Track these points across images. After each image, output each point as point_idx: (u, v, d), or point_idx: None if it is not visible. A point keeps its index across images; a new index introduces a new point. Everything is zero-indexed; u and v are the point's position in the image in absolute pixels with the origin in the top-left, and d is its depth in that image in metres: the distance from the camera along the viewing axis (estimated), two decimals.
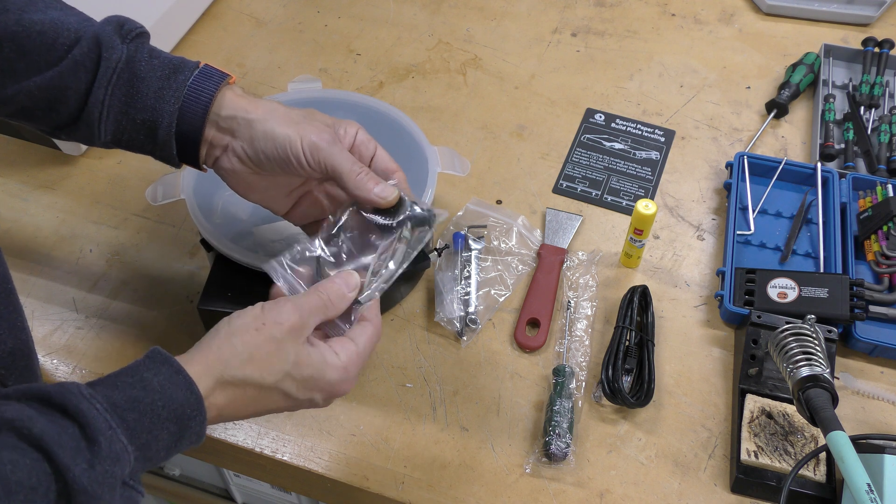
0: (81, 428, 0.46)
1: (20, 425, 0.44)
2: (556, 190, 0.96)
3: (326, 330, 0.61)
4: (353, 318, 0.61)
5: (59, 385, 0.48)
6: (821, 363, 0.66)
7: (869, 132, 0.99)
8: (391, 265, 0.63)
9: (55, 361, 0.80)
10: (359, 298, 0.61)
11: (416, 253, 0.63)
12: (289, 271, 0.62)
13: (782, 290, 0.81)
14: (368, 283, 0.62)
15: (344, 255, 0.63)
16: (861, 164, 0.97)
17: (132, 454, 0.48)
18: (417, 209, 0.63)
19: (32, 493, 0.43)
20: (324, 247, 0.63)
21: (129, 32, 0.63)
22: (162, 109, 0.62)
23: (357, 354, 0.58)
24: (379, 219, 0.64)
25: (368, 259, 0.63)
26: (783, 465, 0.70)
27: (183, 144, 0.63)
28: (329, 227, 0.64)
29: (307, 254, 0.63)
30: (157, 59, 0.63)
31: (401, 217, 0.63)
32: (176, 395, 0.51)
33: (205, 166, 0.66)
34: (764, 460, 0.70)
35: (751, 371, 0.76)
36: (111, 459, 0.46)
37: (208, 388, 0.53)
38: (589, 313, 0.84)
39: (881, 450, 0.66)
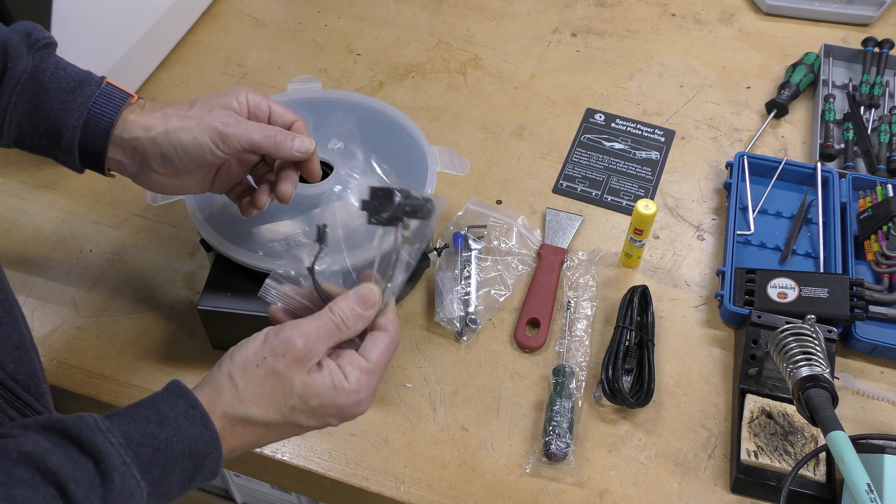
0: (96, 463, 0.46)
1: (37, 458, 0.45)
2: (556, 190, 0.96)
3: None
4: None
5: (76, 417, 0.48)
6: (821, 363, 0.66)
7: (869, 132, 0.99)
8: (399, 268, 0.57)
9: (55, 361, 0.80)
10: None
11: (422, 247, 0.58)
12: (286, 288, 0.57)
13: (782, 290, 0.81)
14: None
15: (338, 264, 0.59)
16: (861, 164, 0.97)
17: (145, 490, 0.48)
18: (414, 196, 0.57)
19: None
20: (317, 256, 0.58)
21: (35, 42, 0.63)
22: (65, 122, 0.62)
23: (369, 372, 0.54)
24: (362, 213, 0.58)
25: (368, 260, 0.59)
26: (783, 465, 0.70)
27: (86, 157, 0.64)
28: (319, 233, 0.59)
29: (300, 265, 0.58)
30: (63, 70, 0.63)
31: (392, 209, 0.57)
32: (191, 430, 0.50)
33: (112, 174, 0.66)
34: (764, 460, 0.70)
35: (751, 371, 0.76)
36: (124, 495, 0.46)
37: (219, 427, 0.52)
38: (589, 313, 0.84)
39: (881, 450, 0.66)
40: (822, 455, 0.70)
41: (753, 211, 0.91)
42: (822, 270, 0.86)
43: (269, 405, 0.53)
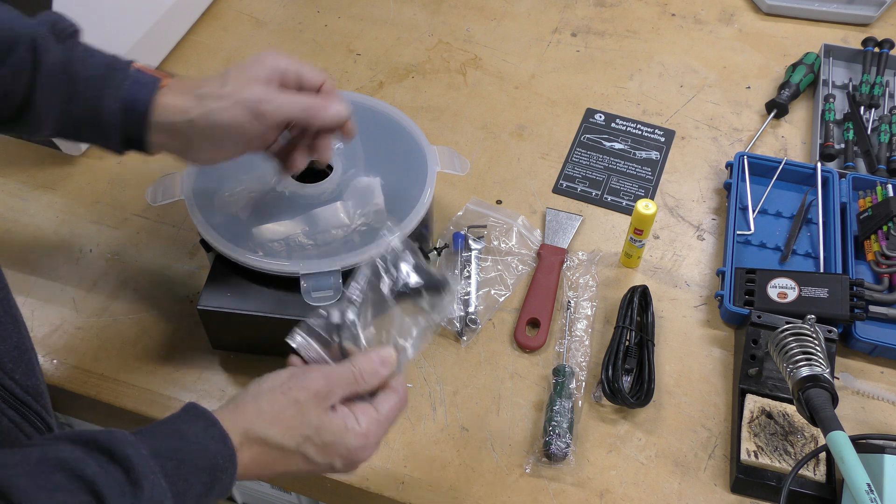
0: (126, 472, 0.48)
1: (74, 466, 0.46)
2: (556, 190, 0.96)
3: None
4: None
5: (104, 431, 0.49)
6: (821, 363, 0.66)
7: (869, 132, 0.99)
8: (413, 336, 0.62)
9: (55, 361, 0.80)
10: None
11: (439, 322, 0.62)
12: (313, 342, 0.61)
13: (782, 290, 0.81)
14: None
15: (361, 326, 0.62)
16: (861, 164, 0.97)
17: (170, 501, 0.49)
18: (434, 275, 0.63)
19: None
20: (349, 316, 0.62)
21: (62, 31, 0.63)
22: (103, 110, 0.63)
23: (378, 422, 0.58)
24: (388, 284, 0.63)
25: (390, 329, 0.63)
26: (783, 465, 0.70)
27: (128, 142, 0.65)
28: (347, 297, 0.63)
29: (329, 321, 0.61)
30: (92, 57, 0.63)
31: (413, 282, 0.62)
32: (210, 446, 0.52)
33: (156, 153, 0.67)
34: (764, 460, 0.70)
35: (751, 371, 0.76)
36: (152, 502, 0.48)
37: (236, 444, 0.54)
38: (589, 313, 0.84)
39: (881, 450, 0.66)
40: (822, 455, 0.70)
41: (753, 211, 0.91)
42: (822, 270, 0.86)
43: (287, 431, 0.55)
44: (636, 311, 0.82)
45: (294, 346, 0.61)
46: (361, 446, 0.57)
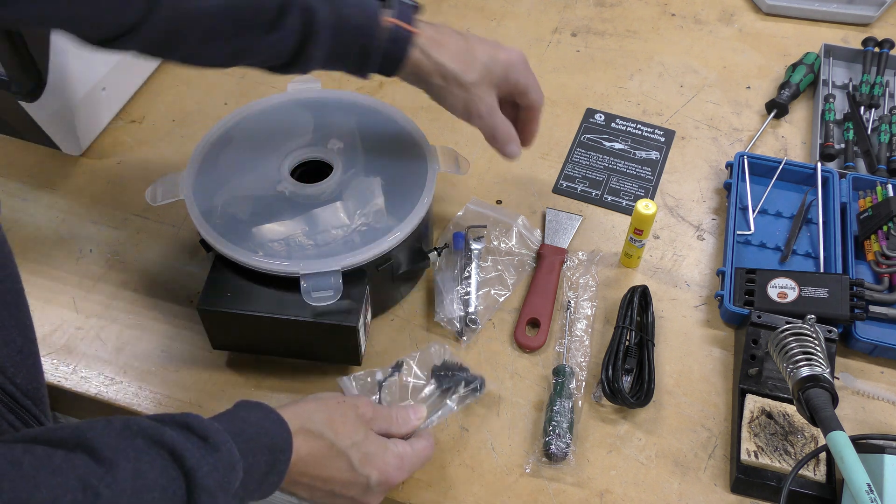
0: (203, 439, 0.51)
1: (153, 432, 0.49)
2: (556, 190, 0.96)
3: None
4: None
5: (178, 413, 0.53)
6: (821, 363, 0.66)
7: (869, 132, 0.99)
8: (443, 409, 0.74)
9: (55, 361, 0.80)
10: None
11: (460, 405, 0.75)
12: (354, 391, 0.76)
13: (782, 290, 0.81)
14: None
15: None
16: (861, 164, 0.97)
17: (240, 472, 0.52)
18: (472, 376, 0.77)
19: (163, 492, 0.48)
20: (388, 377, 0.77)
21: None
22: (367, 61, 0.72)
23: (411, 454, 0.66)
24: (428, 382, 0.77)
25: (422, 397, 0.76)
26: (783, 465, 0.70)
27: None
28: (397, 364, 0.78)
29: (372, 378, 0.77)
30: (357, 7, 0.70)
31: (456, 376, 0.76)
32: (271, 428, 0.57)
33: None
34: (764, 460, 0.70)
35: (751, 371, 0.76)
36: (229, 466, 0.51)
37: (294, 430, 0.59)
38: (589, 313, 0.84)
39: (881, 450, 0.66)
40: (823, 455, 0.70)
41: (753, 211, 0.91)
42: (822, 270, 0.86)
43: (340, 431, 0.62)
44: (636, 311, 0.82)
45: (340, 385, 0.75)
46: (397, 466, 0.64)
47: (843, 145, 0.99)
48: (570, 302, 0.84)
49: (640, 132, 1.03)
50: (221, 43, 0.67)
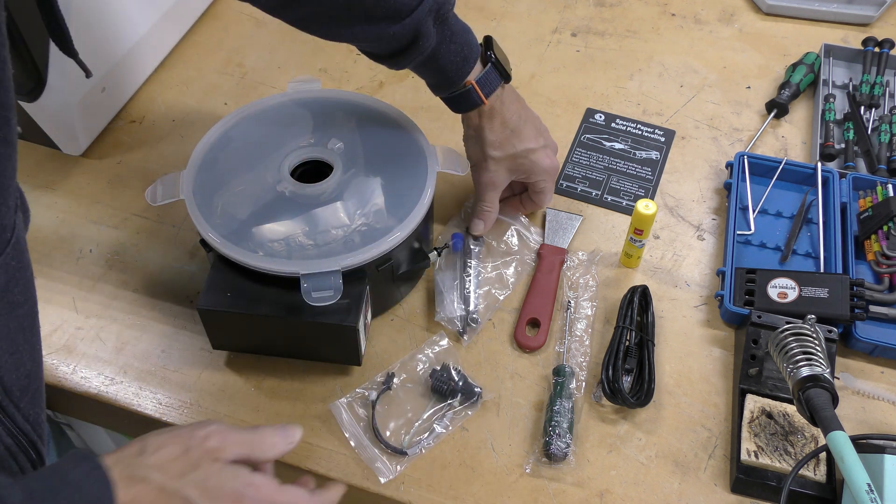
0: None
1: None
2: (556, 190, 0.96)
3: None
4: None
5: None
6: (821, 363, 0.66)
7: (869, 132, 0.99)
8: (435, 431, 0.75)
9: (55, 361, 0.80)
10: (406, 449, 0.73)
11: (454, 425, 0.76)
12: (345, 413, 0.75)
13: (782, 290, 0.81)
14: (416, 431, 0.75)
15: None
16: (861, 164, 0.97)
17: None
18: (472, 386, 0.77)
19: None
20: (379, 396, 0.76)
21: (440, 17, 0.73)
22: (444, 88, 0.79)
23: (274, 486, 0.57)
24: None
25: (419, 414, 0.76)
26: (783, 465, 0.70)
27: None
28: (388, 378, 0.78)
29: (367, 395, 0.77)
30: (455, 43, 0.76)
31: (456, 387, 0.76)
32: (91, 487, 0.51)
33: None
34: (764, 460, 0.70)
35: (751, 371, 0.76)
36: None
37: (117, 479, 0.52)
38: (589, 313, 0.83)
39: (881, 450, 0.66)
40: (823, 455, 0.70)
41: (753, 211, 0.91)
42: (822, 270, 0.86)
43: (170, 469, 0.55)
44: (636, 311, 0.81)
45: (332, 411, 0.75)
46: (254, 498, 0.56)
47: (843, 145, 0.99)
48: (570, 302, 0.84)
49: (640, 132, 1.03)
50: (337, 27, 0.73)
